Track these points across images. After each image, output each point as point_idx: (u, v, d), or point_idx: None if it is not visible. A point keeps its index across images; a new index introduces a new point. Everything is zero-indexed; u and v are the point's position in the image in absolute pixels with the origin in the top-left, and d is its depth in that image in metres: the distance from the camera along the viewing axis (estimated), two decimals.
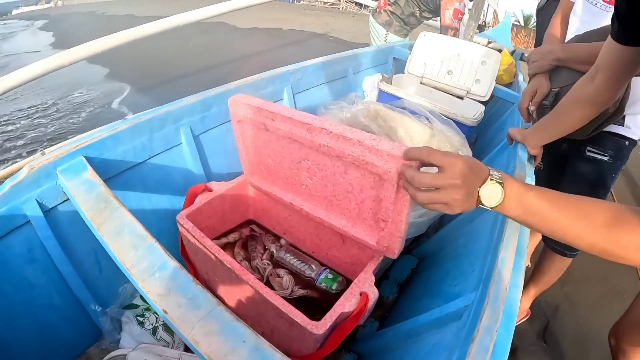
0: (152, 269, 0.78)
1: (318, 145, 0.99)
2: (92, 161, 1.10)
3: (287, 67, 1.84)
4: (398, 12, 3.16)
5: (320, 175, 1.06)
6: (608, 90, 1.16)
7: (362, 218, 1.06)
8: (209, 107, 1.47)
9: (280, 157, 1.13)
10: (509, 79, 3.00)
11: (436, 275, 1.43)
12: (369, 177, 0.96)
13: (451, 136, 1.54)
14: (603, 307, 2.31)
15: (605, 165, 1.52)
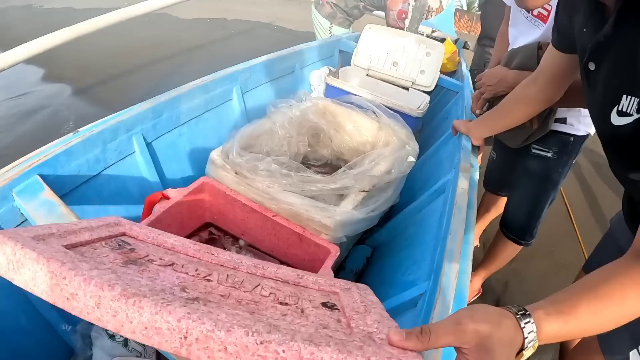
0: None
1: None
2: (47, 179, 1.10)
3: (236, 66, 1.86)
4: (341, 4, 3.19)
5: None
6: (549, 91, 1.28)
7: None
8: (160, 114, 1.48)
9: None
10: (452, 67, 3.10)
11: (390, 265, 1.50)
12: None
13: (398, 130, 1.61)
14: (550, 280, 2.46)
15: (550, 161, 1.63)
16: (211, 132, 1.74)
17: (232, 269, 0.83)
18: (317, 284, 0.84)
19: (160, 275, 0.64)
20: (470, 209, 1.23)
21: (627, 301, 0.67)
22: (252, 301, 0.65)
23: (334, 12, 3.21)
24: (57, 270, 0.51)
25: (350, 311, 0.67)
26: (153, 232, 0.88)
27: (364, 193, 1.31)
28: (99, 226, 0.78)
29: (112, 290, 0.49)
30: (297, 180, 1.23)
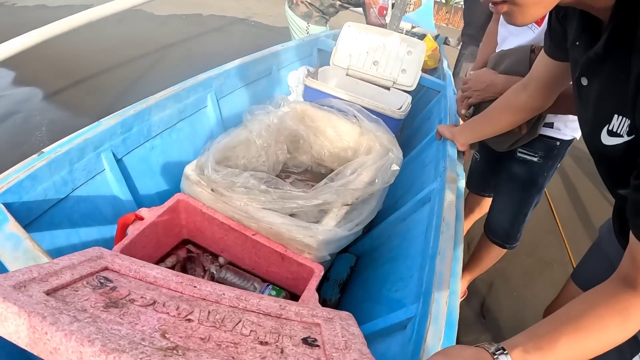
0: None
1: None
2: (11, 207, 1.03)
3: (209, 72, 1.79)
4: (316, 3, 3.12)
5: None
6: (540, 98, 1.25)
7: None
8: (130, 127, 1.41)
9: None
10: (433, 64, 3.07)
11: (376, 278, 1.46)
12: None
13: (380, 135, 1.56)
14: (534, 278, 2.45)
15: (536, 165, 1.61)
16: (186, 143, 1.67)
17: (214, 302, 0.82)
18: (299, 315, 0.83)
19: (141, 318, 0.65)
20: (458, 221, 1.19)
21: (606, 332, 0.69)
22: (232, 343, 0.66)
23: (310, 12, 3.14)
24: (39, 325, 0.52)
25: (330, 348, 0.69)
26: (135, 265, 0.88)
27: (347, 207, 1.26)
28: (80, 262, 0.78)
29: (92, 346, 0.50)
30: (276, 197, 1.18)
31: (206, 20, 6.95)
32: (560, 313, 0.72)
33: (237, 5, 8.20)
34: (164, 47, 5.31)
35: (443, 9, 11.86)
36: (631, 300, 0.69)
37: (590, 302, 0.72)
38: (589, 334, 0.69)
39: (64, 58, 4.56)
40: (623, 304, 0.69)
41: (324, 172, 1.79)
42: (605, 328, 0.69)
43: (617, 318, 0.69)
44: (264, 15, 7.70)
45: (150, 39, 5.53)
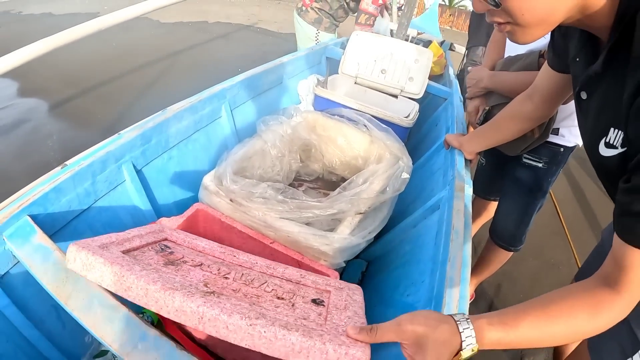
0: (134, 341, 0.79)
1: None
2: (37, 218, 1.07)
3: (222, 84, 1.83)
4: (326, 7, 3.13)
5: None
6: (544, 108, 1.30)
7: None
8: (149, 140, 1.45)
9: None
10: (439, 71, 3.10)
11: (387, 282, 1.49)
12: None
13: (390, 144, 1.60)
14: (541, 280, 2.48)
15: (541, 171, 1.65)
16: (201, 153, 1.72)
17: (248, 268, 1.05)
18: (315, 283, 1.03)
19: (190, 273, 0.90)
20: (466, 228, 1.22)
21: (573, 321, 0.73)
22: (256, 295, 0.88)
23: (320, 18, 3.15)
24: (118, 271, 0.77)
25: (332, 307, 0.87)
26: (189, 237, 1.12)
27: (360, 215, 1.30)
28: (147, 233, 1.03)
29: (154, 284, 0.74)
30: (293, 206, 1.22)
31: (212, 27, 7.01)
32: (536, 298, 0.77)
33: (242, 12, 8.26)
34: (171, 55, 5.36)
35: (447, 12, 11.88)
36: (605, 297, 0.73)
37: (566, 292, 0.76)
38: (555, 319, 0.73)
39: (72, 66, 4.60)
40: (596, 298, 0.73)
41: (335, 179, 1.83)
42: (572, 317, 0.73)
43: (587, 310, 0.73)
44: (269, 22, 7.75)
45: (157, 46, 5.58)
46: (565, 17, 0.74)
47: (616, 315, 0.73)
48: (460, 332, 0.70)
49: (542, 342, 0.75)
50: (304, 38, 3.30)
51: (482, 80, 1.70)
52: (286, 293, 0.92)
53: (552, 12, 0.73)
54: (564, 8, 0.72)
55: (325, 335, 0.71)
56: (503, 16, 0.76)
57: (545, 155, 1.63)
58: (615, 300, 0.72)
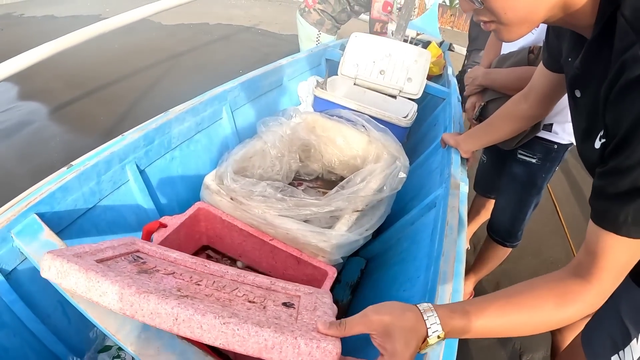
0: (137, 332, 0.83)
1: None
2: (44, 216, 1.11)
3: (223, 85, 1.86)
4: (329, 10, 3.16)
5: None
6: (539, 108, 1.33)
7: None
8: (152, 140, 1.49)
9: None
10: (438, 71, 3.12)
11: (385, 279, 1.52)
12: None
13: (388, 144, 1.63)
14: None
15: (535, 166, 1.68)
16: (203, 154, 1.76)
17: (219, 276, 1.05)
18: (285, 289, 1.04)
19: (163, 281, 0.90)
20: (461, 224, 1.25)
21: (538, 311, 0.75)
22: (228, 299, 0.90)
23: (322, 19, 3.19)
24: (93, 277, 0.76)
25: (302, 309, 0.89)
26: (160, 249, 1.10)
27: (357, 213, 1.33)
28: (119, 245, 1.02)
29: (129, 288, 0.74)
30: (292, 204, 1.25)
31: (213, 29, 7.03)
32: (506, 289, 0.79)
33: (243, 14, 8.29)
34: (173, 57, 5.39)
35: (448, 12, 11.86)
36: (573, 287, 0.74)
37: (534, 283, 0.78)
38: (519, 309, 0.75)
39: (74, 69, 4.63)
40: (564, 288, 0.75)
41: (335, 179, 1.86)
42: (537, 307, 0.74)
43: (553, 300, 0.74)
44: (270, 24, 7.77)
45: (158, 48, 5.61)
46: (547, 15, 0.77)
47: (586, 305, 0.74)
48: (425, 320, 0.73)
49: (506, 331, 0.77)
50: (305, 38, 3.33)
51: (477, 78, 1.78)
52: (257, 297, 0.94)
53: (533, 11, 0.76)
54: (545, 6, 0.75)
55: (296, 331, 0.73)
56: (487, 15, 0.79)
57: (539, 152, 1.66)
58: (585, 290, 0.74)
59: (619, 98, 0.67)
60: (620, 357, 1.12)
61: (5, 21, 6.48)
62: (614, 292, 1.13)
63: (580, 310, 0.74)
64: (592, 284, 0.73)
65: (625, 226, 0.67)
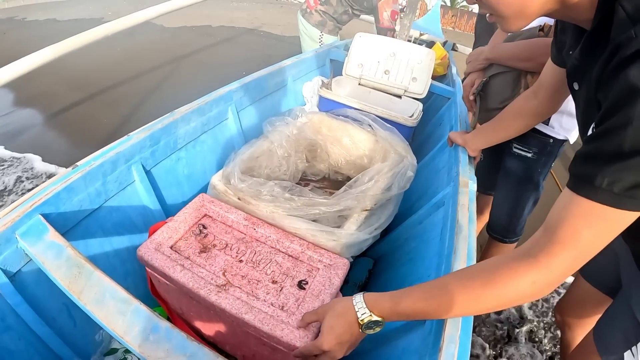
0: (145, 333, 0.81)
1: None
2: (49, 217, 1.10)
3: (229, 86, 1.85)
4: (330, 11, 3.17)
5: None
6: (549, 104, 1.31)
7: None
8: (158, 141, 1.48)
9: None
10: (442, 71, 3.12)
11: (394, 279, 1.51)
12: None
13: (395, 143, 1.62)
14: None
15: (530, 161, 1.67)
16: (209, 154, 1.74)
17: (262, 242, 1.22)
18: (310, 259, 1.17)
19: (216, 260, 1.14)
20: (470, 222, 1.23)
21: (466, 292, 0.77)
22: (256, 280, 1.10)
23: (324, 20, 3.19)
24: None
25: (310, 292, 1.08)
26: (222, 210, 1.28)
27: (366, 212, 1.32)
28: (190, 213, 1.25)
29: (187, 285, 1.04)
30: (300, 204, 1.24)
31: (216, 31, 7.04)
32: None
33: (245, 16, 8.30)
34: (176, 59, 5.39)
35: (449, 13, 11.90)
36: (510, 265, 0.74)
37: (468, 269, 0.83)
38: (444, 292, 0.79)
39: (78, 72, 4.63)
40: (499, 268, 0.75)
41: (341, 179, 1.85)
42: (465, 288, 0.77)
43: (481, 279, 0.75)
44: (272, 25, 7.78)
45: (161, 51, 5.62)
46: (542, 8, 0.77)
47: (525, 286, 0.72)
48: (354, 305, 0.86)
49: (433, 311, 0.81)
50: (308, 40, 3.33)
51: (482, 52, 1.70)
52: (281, 275, 1.12)
53: (526, 5, 0.75)
54: (539, 0, 0.75)
55: (283, 325, 0.98)
56: (486, 8, 0.80)
57: (535, 146, 1.64)
58: (530, 269, 0.71)
59: (612, 76, 0.65)
60: (633, 352, 1.11)
61: (7, 25, 6.50)
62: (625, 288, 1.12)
63: (516, 292, 0.73)
64: (539, 263, 0.71)
65: (601, 191, 0.64)
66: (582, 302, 1.50)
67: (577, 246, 0.68)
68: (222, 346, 1.25)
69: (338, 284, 1.11)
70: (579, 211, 0.67)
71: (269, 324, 0.97)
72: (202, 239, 1.20)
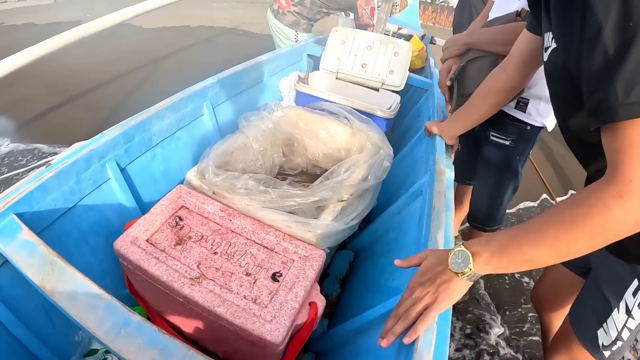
0: (117, 328, 0.81)
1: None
2: (23, 217, 1.09)
3: (204, 82, 1.85)
4: (304, 12, 3.18)
5: None
6: (518, 77, 1.30)
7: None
8: (132, 138, 1.47)
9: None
10: (420, 64, 3.13)
11: (374, 270, 1.52)
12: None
13: (371, 134, 1.62)
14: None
15: (508, 149, 1.68)
16: (185, 151, 1.74)
17: (237, 234, 1.21)
18: (285, 251, 1.17)
19: (191, 252, 1.13)
20: (448, 210, 1.24)
21: (558, 220, 0.71)
22: (230, 272, 1.09)
23: (297, 20, 3.20)
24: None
25: (284, 285, 1.07)
26: (199, 201, 1.27)
27: (342, 203, 1.32)
28: (167, 205, 1.25)
29: (161, 278, 1.03)
30: (275, 196, 1.24)
31: (195, 31, 7.01)
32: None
33: (225, 15, 8.27)
34: (155, 61, 5.36)
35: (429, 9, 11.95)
36: (589, 190, 0.69)
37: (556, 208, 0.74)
38: (545, 232, 0.72)
39: (56, 75, 4.59)
40: (579, 196, 0.70)
41: (319, 172, 1.85)
42: (562, 223, 0.70)
43: (569, 209, 0.70)
44: (252, 24, 7.76)
45: (141, 52, 5.58)
46: None
47: (620, 199, 0.64)
48: (450, 251, 0.84)
49: (539, 256, 0.73)
50: (283, 39, 3.34)
51: (459, 38, 1.69)
52: (255, 267, 1.12)
53: None
54: None
55: (255, 318, 0.97)
56: None
57: (512, 133, 1.66)
58: (611, 192, 0.65)
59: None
60: (605, 330, 1.13)
61: None
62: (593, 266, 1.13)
63: (604, 207, 0.66)
64: (614, 177, 0.65)
65: (618, 107, 0.63)
66: (557, 285, 1.52)
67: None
68: (204, 343, 1.25)
69: (313, 276, 1.10)
70: (617, 138, 0.65)
71: (241, 317, 0.96)
72: (178, 231, 1.19)
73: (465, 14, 2.55)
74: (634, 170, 0.63)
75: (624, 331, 1.10)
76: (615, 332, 1.11)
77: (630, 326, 1.09)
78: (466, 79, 1.64)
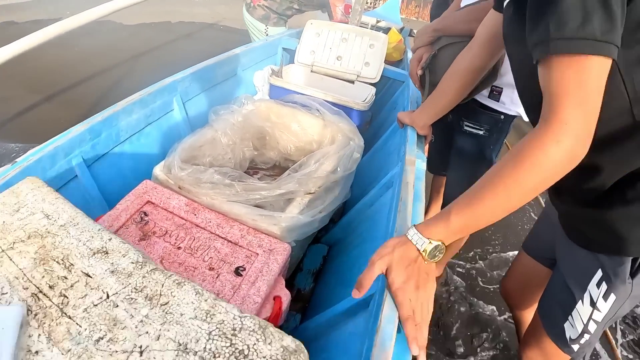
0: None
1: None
2: None
3: (173, 76, 1.83)
4: (274, 6, 3.20)
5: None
6: (483, 55, 1.29)
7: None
8: (99, 133, 1.45)
9: None
10: (398, 56, 3.14)
11: (346, 263, 1.51)
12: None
13: (343, 126, 1.62)
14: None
15: (482, 138, 1.67)
16: (154, 146, 1.72)
17: (202, 228, 1.19)
18: (249, 244, 1.15)
19: (155, 247, 1.12)
20: (417, 201, 1.22)
21: (504, 183, 0.75)
22: (193, 267, 1.09)
23: (267, 14, 3.22)
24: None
25: (247, 279, 1.06)
26: (164, 196, 1.26)
27: (310, 195, 1.32)
28: (132, 201, 1.23)
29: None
30: (240, 189, 1.23)
31: (175, 27, 6.95)
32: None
33: (206, 11, 8.20)
34: (135, 57, 5.30)
35: (413, 3, 11.92)
36: (529, 138, 0.73)
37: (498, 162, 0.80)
38: (484, 191, 0.79)
39: (36, 73, 4.52)
40: (521, 145, 0.74)
41: (292, 166, 1.84)
42: (501, 177, 0.76)
43: (511, 162, 0.75)
44: (233, 20, 7.70)
45: (120, 49, 5.51)
46: None
47: (559, 144, 0.69)
48: (411, 240, 0.86)
49: (481, 215, 0.80)
50: (256, 32, 3.35)
51: (430, 25, 1.67)
52: (219, 262, 1.11)
53: None
54: None
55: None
56: None
57: (486, 123, 1.66)
58: (547, 134, 0.70)
59: None
60: (571, 323, 1.13)
61: None
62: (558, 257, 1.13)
63: (547, 158, 0.70)
64: (551, 121, 0.70)
65: (549, 41, 0.68)
66: (525, 278, 1.52)
67: (577, 94, 0.68)
68: None
69: (277, 270, 1.10)
70: (551, 74, 0.70)
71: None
72: (143, 226, 1.18)
73: (442, 5, 2.56)
74: (567, 113, 0.68)
75: (590, 324, 1.09)
76: (582, 324, 1.10)
77: (596, 318, 1.07)
78: (438, 67, 1.61)
